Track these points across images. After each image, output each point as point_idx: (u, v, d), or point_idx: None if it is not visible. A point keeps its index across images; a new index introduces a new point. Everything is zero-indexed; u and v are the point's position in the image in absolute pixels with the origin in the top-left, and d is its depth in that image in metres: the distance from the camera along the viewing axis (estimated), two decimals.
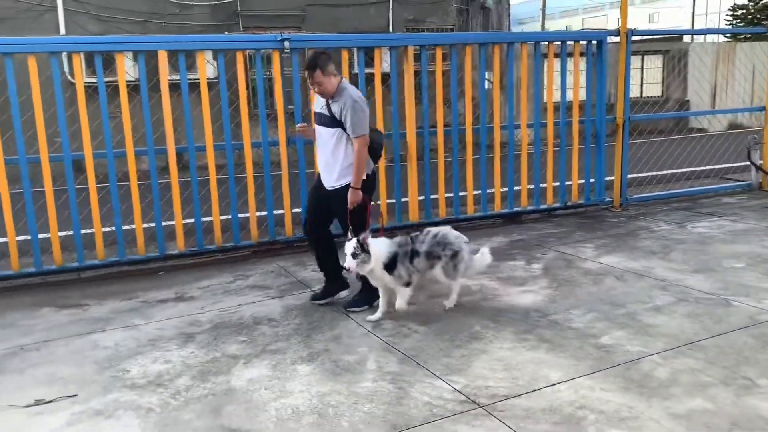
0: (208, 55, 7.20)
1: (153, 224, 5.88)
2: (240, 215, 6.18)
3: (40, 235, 5.55)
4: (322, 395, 3.32)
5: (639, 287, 4.85)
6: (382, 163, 6.46)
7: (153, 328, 4.40)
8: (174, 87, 5.67)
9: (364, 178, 4.39)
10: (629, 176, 7.97)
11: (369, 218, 4.54)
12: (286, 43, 5.96)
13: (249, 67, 6.85)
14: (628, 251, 5.85)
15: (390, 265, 4.23)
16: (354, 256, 4.10)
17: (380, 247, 4.25)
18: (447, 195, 6.97)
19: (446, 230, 4.50)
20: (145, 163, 5.85)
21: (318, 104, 4.51)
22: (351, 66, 6.48)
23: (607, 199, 7.74)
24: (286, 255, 6.25)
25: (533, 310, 4.45)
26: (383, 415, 3.09)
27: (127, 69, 5.84)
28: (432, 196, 6.87)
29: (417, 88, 6.67)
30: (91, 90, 5.69)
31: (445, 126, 6.85)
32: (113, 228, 5.77)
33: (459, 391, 3.30)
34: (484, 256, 4.58)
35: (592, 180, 7.62)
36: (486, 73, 7.21)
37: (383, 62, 6.61)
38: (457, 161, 6.93)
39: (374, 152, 4.51)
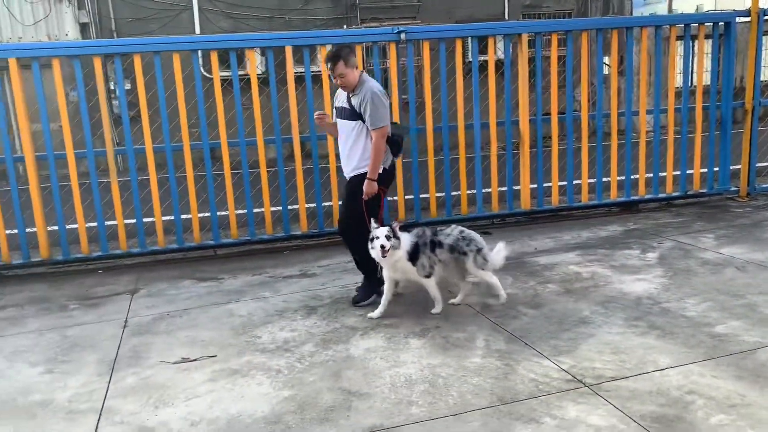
0: (329, 49, 7.59)
1: (280, 208, 6.36)
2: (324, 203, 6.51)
3: (182, 216, 6.18)
4: (432, 367, 3.55)
5: (762, 278, 4.68)
6: (493, 150, 6.61)
7: (280, 301, 4.83)
8: (299, 80, 6.09)
9: (381, 171, 4.43)
10: (758, 165, 7.53)
11: (382, 210, 4.60)
12: (403, 35, 6.20)
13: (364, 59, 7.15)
14: (753, 242, 5.61)
15: (413, 255, 4.27)
16: (388, 238, 4.14)
17: (404, 236, 4.29)
18: (560, 183, 6.96)
19: (469, 230, 4.50)
20: (273, 151, 6.33)
21: (339, 99, 4.58)
22: (464, 55, 6.61)
23: (732, 189, 7.38)
24: None
25: (645, 298, 4.43)
26: (490, 389, 3.27)
27: (257, 63, 6.32)
28: (545, 185, 6.89)
29: (531, 74, 6.69)
30: (226, 84, 6.24)
31: (559, 113, 6.82)
32: (245, 210, 6.30)
33: (565, 371, 3.41)
34: (500, 252, 4.52)
35: (716, 168, 7.29)
36: (604, 58, 7.09)
37: (497, 50, 6.69)
38: (571, 149, 6.89)
39: (395, 145, 4.55)
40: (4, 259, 5.88)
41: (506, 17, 15.18)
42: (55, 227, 5.96)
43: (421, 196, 6.63)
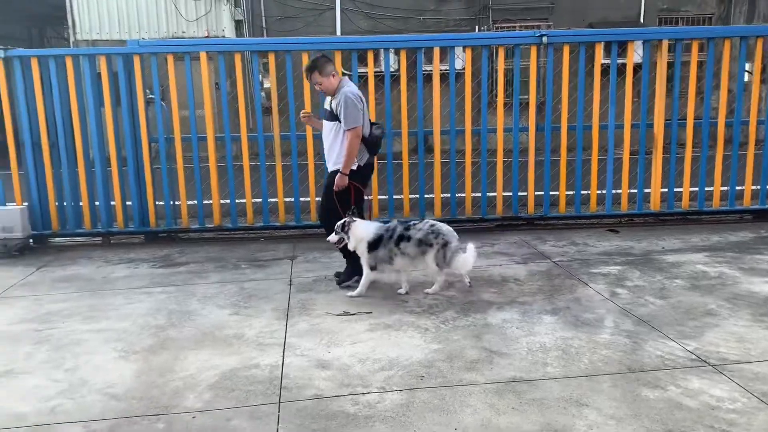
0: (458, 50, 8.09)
1: (417, 195, 6.95)
2: (488, 194, 6.99)
3: None
4: (564, 339, 3.98)
5: None
6: (626, 154, 6.83)
7: (420, 275, 5.40)
8: (427, 78, 6.64)
9: (356, 168, 4.90)
10: None
11: (353, 203, 4.97)
12: (544, 39, 6.59)
13: (491, 60, 7.58)
14: None
15: (373, 245, 4.77)
16: (336, 233, 4.81)
17: (368, 228, 4.83)
18: (692, 189, 7.07)
19: (441, 224, 4.88)
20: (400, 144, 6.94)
21: (326, 102, 5.08)
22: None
23: None
24: (526, 230, 6.94)
25: None
26: (619, 359, 3.66)
27: (381, 62, 6.95)
28: (676, 189, 7.02)
29: (669, 79, 6.85)
30: (362, 80, 6.88)
31: (696, 119, 6.93)
32: (386, 196, 6.95)
33: (690, 352, 3.73)
34: (468, 252, 4.80)
35: None
36: (746, 65, 7.09)
37: (635, 54, 6.90)
38: (706, 155, 6.98)
39: (372, 145, 5.01)
40: (184, 223, 6.89)
41: (642, 20, 14.96)
42: (227, 200, 6.89)
43: (551, 193, 7.00)
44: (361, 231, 4.83)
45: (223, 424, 3.07)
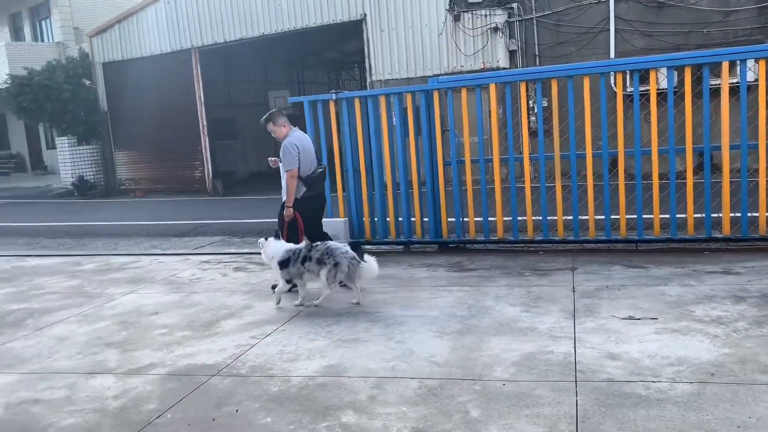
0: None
1: (701, 215, 6.87)
2: None
3: (611, 216, 7.21)
4: None
5: None
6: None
7: (706, 289, 5.45)
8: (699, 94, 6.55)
9: (298, 197, 6.23)
10: None
11: (301, 228, 6.26)
12: None
13: None
14: None
15: (283, 264, 5.74)
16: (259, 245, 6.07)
17: (279, 248, 5.84)
18: None
19: (339, 245, 5.74)
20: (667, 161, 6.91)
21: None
22: None
23: None
24: None
25: None
26: None
27: (659, 80, 6.99)
28: None
29: None
30: (628, 100, 7.04)
31: None
32: (667, 215, 7.01)
33: None
34: (370, 264, 5.64)
35: None
36: None
37: None
38: None
39: (310, 182, 6.32)
40: (471, 235, 7.77)
41: None
42: (508, 218, 7.60)
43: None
44: (271, 250, 5.90)
45: (529, 392, 3.69)
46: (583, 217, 7.28)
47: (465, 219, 7.79)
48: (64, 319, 5.96)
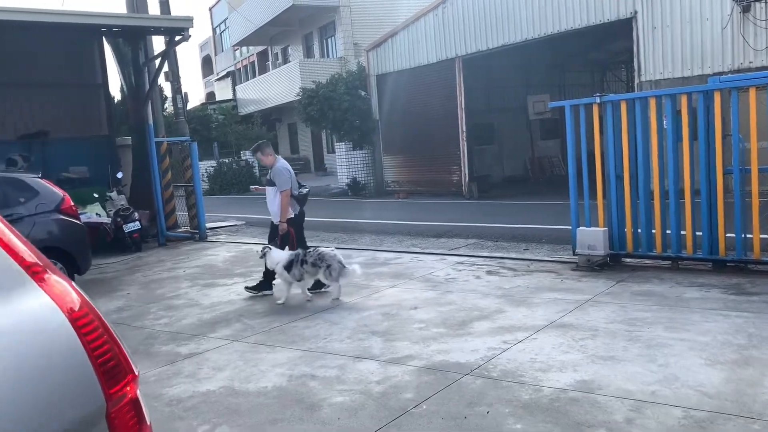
0: None
1: None
2: None
3: None
4: None
5: None
6: None
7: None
8: None
9: (292, 216, 7.32)
10: None
11: (294, 241, 7.32)
12: None
13: None
14: None
15: (288, 266, 6.80)
16: (262, 249, 7.25)
17: (282, 255, 6.91)
18: None
19: (327, 251, 6.91)
20: None
21: (268, 174, 7.44)
22: None
23: None
24: None
25: None
26: None
27: None
28: None
29: None
30: None
31: None
32: None
33: None
34: (354, 269, 6.90)
35: None
36: None
37: None
38: None
39: (299, 200, 7.43)
40: (756, 255, 6.83)
41: None
42: None
43: None
44: (277, 257, 6.94)
45: None
46: None
47: (747, 235, 6.89)
48: (337, 306, 6.68)
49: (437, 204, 17.59)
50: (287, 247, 7.20)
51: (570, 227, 8.05)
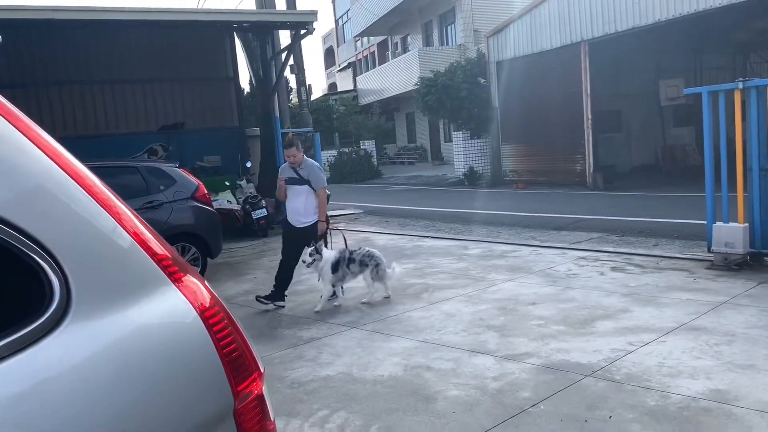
0: None
1: None
2: None
3: None
4: None
5: None
6: None
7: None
8: None
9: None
10: None
11: (330, 238, 7.23)
12: None
13: None
14: None
15: (335, 266, 6.55)
16: (311, 255, 6.48)
17: (330, 254, 6.64)
18: None
19: (374, 250, 6.85)
20: None
21: (284, 173, 6.83)
22: None
23: None
24: None
25: None
26: None
27: None
28: None
29: None
30: None
31: None
32: None
33: None
34: (394, 270, 6.86)
35: None
36: None
37: None
38: None
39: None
40: None
41: None
42: None
43: None
44: (325, 256, 6.53)
45: None
46: None
47: None
48: (453, 297, 6.66)
49: (558, 195, 17.02)
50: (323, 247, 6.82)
51: (705, 222, 7.48)
